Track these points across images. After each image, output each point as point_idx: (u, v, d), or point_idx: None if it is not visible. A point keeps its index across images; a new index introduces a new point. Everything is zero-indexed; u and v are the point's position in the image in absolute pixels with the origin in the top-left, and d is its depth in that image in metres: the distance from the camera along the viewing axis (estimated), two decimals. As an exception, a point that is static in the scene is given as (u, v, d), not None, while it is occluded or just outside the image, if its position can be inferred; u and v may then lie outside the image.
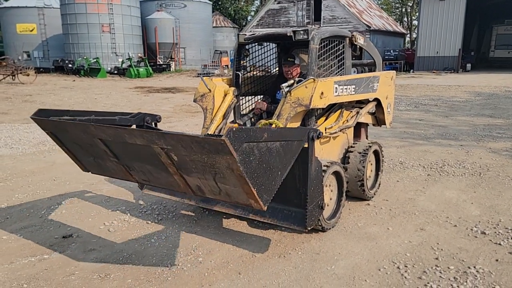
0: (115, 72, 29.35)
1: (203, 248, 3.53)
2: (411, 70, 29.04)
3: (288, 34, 3.93)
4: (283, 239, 3.66)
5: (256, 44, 4.51)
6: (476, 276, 3.02)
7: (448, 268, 3.14)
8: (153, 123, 3.77)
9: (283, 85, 3.79)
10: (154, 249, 3.52)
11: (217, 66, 30.85)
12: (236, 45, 4.43)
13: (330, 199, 3.85)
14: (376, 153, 4.78)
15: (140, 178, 3.08)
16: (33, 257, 3.41)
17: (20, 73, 22.72)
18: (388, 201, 4.56)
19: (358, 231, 3.81)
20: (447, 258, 3.29)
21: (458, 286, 2.88)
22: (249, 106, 4.71)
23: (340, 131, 4.24)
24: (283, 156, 2.65)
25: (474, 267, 3.15)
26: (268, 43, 4.74)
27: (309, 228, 3.25)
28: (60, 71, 30.12)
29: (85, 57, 29.07)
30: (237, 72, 4.45)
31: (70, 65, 29.31)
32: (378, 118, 5.06)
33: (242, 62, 4.51)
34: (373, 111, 4.92)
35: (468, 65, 28.25)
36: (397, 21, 52.01)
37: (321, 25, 31.51)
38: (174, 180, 2.76)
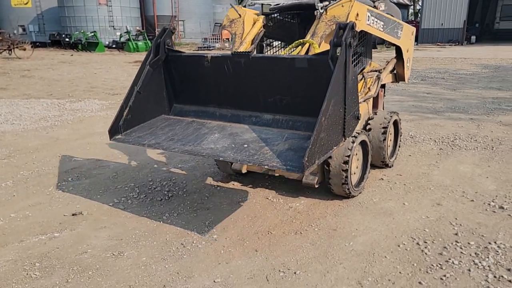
0: (113, 46, 28.81)
1: (217, 224, 3.46)
2: (415, 43, 28.53)
3: (316, 8, 3.79)
4: (298, 216, 3.58)
5: (278, 15, 4.41)
6: (497, 251, 2.95)
7: (469, 243, 3.07)
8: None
9: (318, 4, 3.72)
10: (166, 226, 3.45)
11: (217, 39, 30.30)
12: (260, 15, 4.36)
13: (357, 167, 3.91)
14: (395, 123, 4.83)
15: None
16: (43, 235, 3.34)
17: (17, 47, 22.24)
18: (402, 176, 4.47)
19: (373, 207, 3.73)
20: (467, 233, 3.23)
21: (480, 262, 2.82)
22: None
23: (364, 101, 4.25)
24: None
25: (495, 242, 3.08)
26: (288, 15, 4.63)
27: (347, 138, 3.20)
28: (56, 45, 29.53)
29: (82, 31, 28.47)
30: (261, 44, 4.47)
31: (67, 39, 28.68)
32: (397, 74, 5.07)
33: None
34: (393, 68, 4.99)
35: (473, 37, 27.81)
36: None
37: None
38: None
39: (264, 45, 4.68)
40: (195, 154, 3.13)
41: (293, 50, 3.69)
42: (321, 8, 3.70)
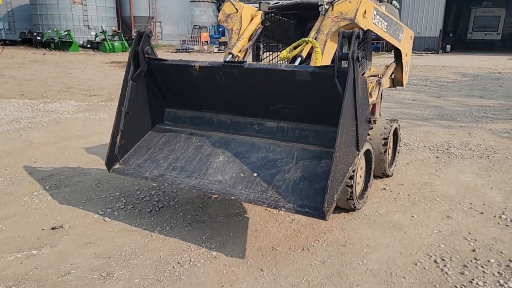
0: (88, 46, 27.87)
1: (215, 240, 3.15)
2: (392, 50, 28.94)
3: (319, 3, 3.56)
4: (303, 229, 3.32)
5: (275, 15, 4.16)
6: (520, 270, 2.78)
7: (489, 261, 2.87)
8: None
9: (324, 0, 3.50)
10: (159, 242, 3.11)
11: (196, 41, 29.87)
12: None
13: (360, 176, 3.68)
14: (395, 131, 4.63)
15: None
16: (20, 252, 2.94)
17: (-15, 45, 21.22)
18: (404, 186, 4.28)
19: (381, 220, 3.51)
20: (484, 250, 3.04)
21: (506, 283, 2.62)
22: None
23: None
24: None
25: (515, 259, 2.90)
26: (286, 15, 4.38)
27: (361, 150, 2.98)
28: (27, 44, 28.32)
29: (55, 30, 27.44)
30: (258, 44, 4.22)
31: (38, 38, 27.56)
32: (395, 79, 4.96)
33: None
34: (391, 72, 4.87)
35: (448, 47, 28.40)
36: (377, 1, 51.86)
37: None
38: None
39: (261, 46, 4.41)
40: (204, 192, 3.02)
41: (294, 50, 3.45)
42: (327, 4, 3.48)
